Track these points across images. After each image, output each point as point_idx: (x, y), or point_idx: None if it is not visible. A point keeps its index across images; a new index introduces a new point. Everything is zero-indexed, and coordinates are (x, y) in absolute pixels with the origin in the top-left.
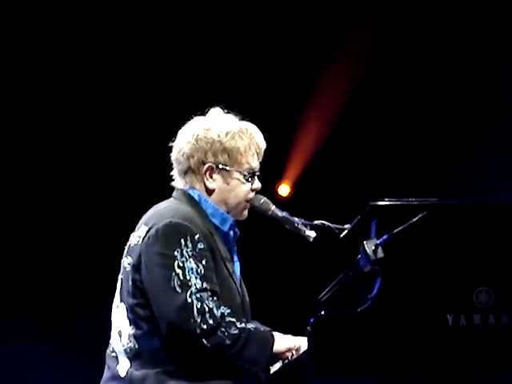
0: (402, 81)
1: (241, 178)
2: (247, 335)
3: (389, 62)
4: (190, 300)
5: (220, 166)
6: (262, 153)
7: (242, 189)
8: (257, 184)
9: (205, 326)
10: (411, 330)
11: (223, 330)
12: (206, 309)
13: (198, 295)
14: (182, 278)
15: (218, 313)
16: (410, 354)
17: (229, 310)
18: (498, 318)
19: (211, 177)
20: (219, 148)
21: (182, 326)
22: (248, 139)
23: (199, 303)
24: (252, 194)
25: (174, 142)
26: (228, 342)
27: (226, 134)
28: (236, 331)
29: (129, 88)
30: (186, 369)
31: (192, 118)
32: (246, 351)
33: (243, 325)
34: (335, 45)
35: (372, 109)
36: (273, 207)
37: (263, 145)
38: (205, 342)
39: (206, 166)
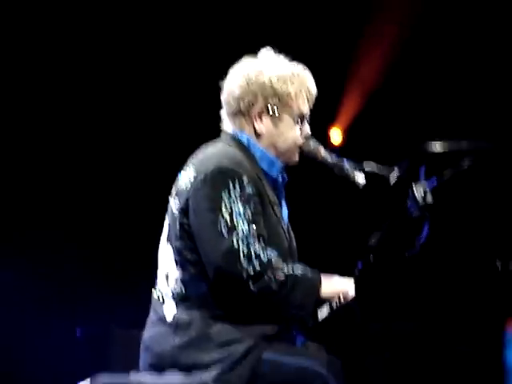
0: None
1: (290, 122)
2: (294, 280)
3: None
4: (236, 245)
5: (270, 110)
6: (314, 98)
7: (292, 133)
8: (306, 129)
9: (251, 271)
10: (460, 276)
11: (270, 275)
12: (253, 254)
13: (245, 240)
14: (229, 222)
15: (264, 258)
16: (457, 301)
17: (276, 254)
18: None
19: (261, 120)
20: (270, 92)
21: (228, 271)
22: (299, 84)
23: (246, 248)
24: (301, 139)
25: (223, 81)
26: (274, 287)
27: (278, 78)
28: (282, 276)
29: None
30: (232, 313)
31: (243, 58)
32: (293, 296)
33: (290, 270)
34: None
35: (425, 55)
36: (323, 152)
37: (314, 90)
38: (251, 286)
39: (257, 109)
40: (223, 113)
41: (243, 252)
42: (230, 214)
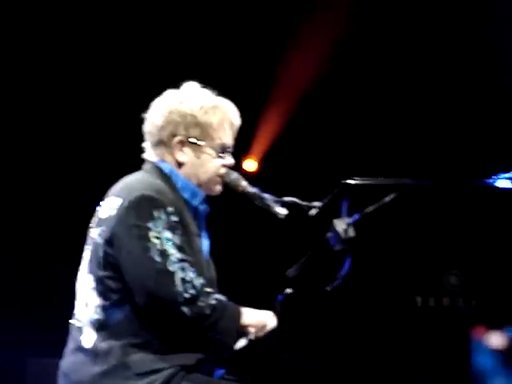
0: (371, 58)
1: (212, 153)
2: (223, 306)
3: (358, 39)
4: (171, 269)
5: (191, 140)
6: (236, 129)
7: (213, 164)
8: (229, 160)
9: (187, 295)
10: (379, 310)
11: (203, 299)
12: (188, 278)
13: (180, 265)
14: (159, 247)
15: (198, 283)
16: (377, 335)
17: (204, 281)
18: (467, 301)
19: (182, 150)
20: (191, 122)
21: (162, 294)
22: (222, 115)
23: (181, 272)
24: (224, 170)
25: (146, 113)
26: (208, 311)
27: (200, 108)
28: (214, 301)
29: (106, 62)
30: (152, 342)
31: (166, 91)
32: (222, 322)
33: (218, 296)
34: (303, 19)
35: (344, 85)
36: (244, 183)
37: (237, 121)
38: (185, 310)
39: (178, 138)
40: (146, 144)
41: (179, 277)
42: (160, 240)
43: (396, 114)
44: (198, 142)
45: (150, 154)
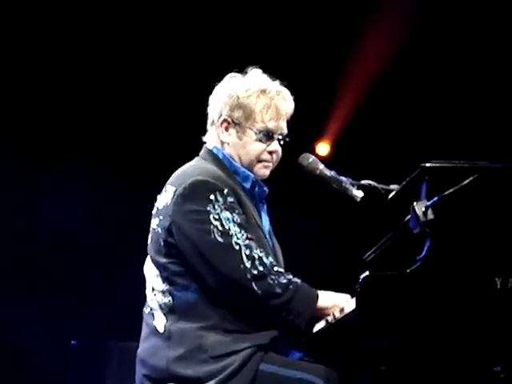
0: (445, 42)
1: (253, 135)
2: (295, 287)
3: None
4: (236, 247)
5: (234, 121)
6: (286, 116)
7: (254, 147)
8: (273, 146)
9: (255, 272)
10: (459, 292)
11: (273, 277)
12: (256, 256)
13: (245, 243)
14: (220, 228)
15: (267, 261)
16: (457, 317)
17: (273, 260)
18: None
19: (226, 130)
20: (235, 103)
21: (231, 273)
22: (267, 99)
23: (248, 250)
24: (267, 156)
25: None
26: (278, 290)
27: (245, 90)
28: (285, 281)
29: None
30: (224, 323)
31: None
32: (293, 302)
33: (290, 276)
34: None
35: (418, 67)
36: (321, 166)
37: (285, 108)
38: (255, 287)
39: (222, 118)
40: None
41: (245, 254)
42: (220, 221)
43: (475, 97)
44: (241, 124)
45: (207, 135)
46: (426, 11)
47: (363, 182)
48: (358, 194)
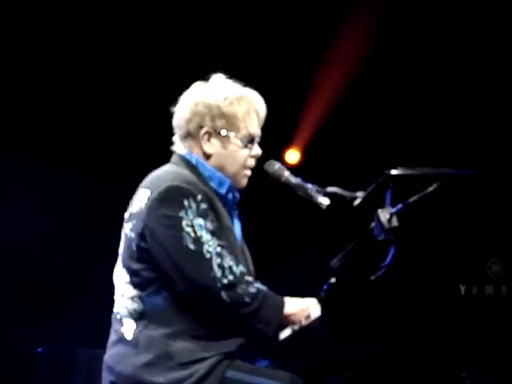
0: (416, 46)
1: (238, 143)
2: (263, 295)
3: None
4: (207, 255)
5: (218, 131)
6: (263, 120)
7: (240, 154)
8: (256, 150)
9: (225, 281)
10: (423, 299)
11: (243, 287)
12: (226, 265)
13: (216, 251)
14: (193, 235)
15: (237, 270)
16: (421, 323)
17: (245, 270)
18: (510, 288)
19: (209, 141)
20: (217, 113)
21: (201, 281)
22: (247, 105)
23: (219, 258)
24: (251, 161)
25: (175, 107)
26: (247, 299)
27: (225, 99)
28: (254, 290)
29: (132, 52)
30: (192, 330)
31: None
32: (262, 311)
33: (259, 285)
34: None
35: (387, 75)
36: (287, 173)
37: (263, 111)
38: (224, 296)
39: (204, 130)
40: (175, 137)
41: (216, 262)
42: (193, 228)
43: (438, 104)
44: (225, 133)
45: (178, 146)
46: (396, 14)
47: (329, 189)
48: (324, 201)
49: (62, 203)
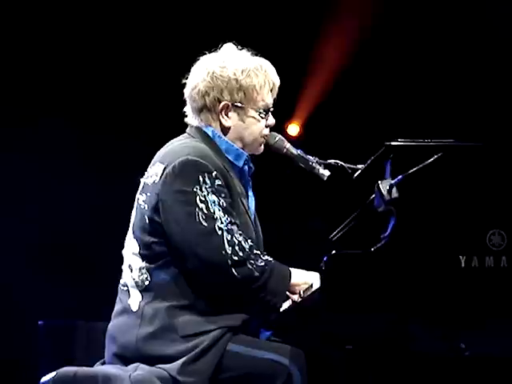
0: (419, 19)
1: (256, 115)
2: (271, 267)
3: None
4: (219, 232)
5: (236, 104)
6: (277, 89)
7: (258, 126)
8: (271, 120)
9: (236, 258)
10: (423, 270)
11: (252, 261)
12: (236, 241)
13: (227, 227)
14: (205, 211)
15: (246, 245)
16: (420, 295)
17: (253, 244)
18: (510, 260)
19: (227, 115)
20: (235, 86)
21: (212, 258)
22: (263, 76)
23: (229, 235)
24: (267, 130)
25: (187, 78)
26: (256, 273)
27: (242, 71)
28: (262, 263)
29: (139, 23)
30: (198, 304)
31: (204, 54)
32: (270, 283)
33: (266, 257)
34: None
35: (388, 46)
36: (287, 145)
37: (277, 81)
38: (235, 273)
39: (222, 103)
40: (188, 109)
41: (227, 239)
42: (206, 204)
43: (439, 76)
44: (243, 106)
45: (192, 119)
46: None
47: (330, 161)
48: (325, 172)
49: None
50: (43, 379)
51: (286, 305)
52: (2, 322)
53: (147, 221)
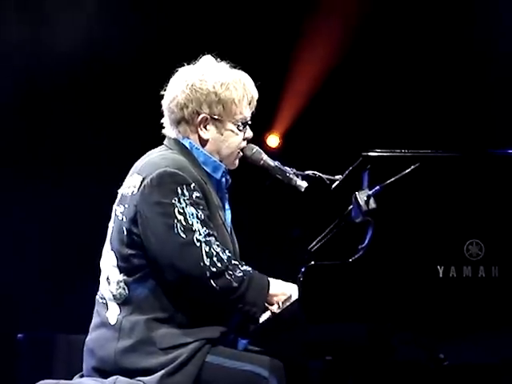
0: (395, 31)
1: (234, 128)
2: (249, 278)
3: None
4: (197, 244)
5: (214, 117)
6: (255, 102)
7: (235, 139)
8: (248, 133)
9: (214, 269)
10: (401, 280)
11: (230, 272)
12: (214, 252)
13: (205, 239)
14: (184, 223)
15: (224, 256)
16: (399, 305)
17: (231, 254)
18: (488, 270)
19: (205, 127)
20: (214, 99)
21: (190, 271)
22: (242, 89)
23: (207, 247)
24: (244, 143)
25: (165, 90)
26: (235, 284)
27: (221, 85)
28: (241, 273)
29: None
30: (176, 316)
31: (183, 66)
32: (248, 293)
33: (245, 267)
34: None
35: (366, 59)
36: (265, 157)
37: (256, 94)
38: (214, 284)
39: (201, 116)
40: (165, 120)
41: (205, 251)
42: (184, 216)
43: (416, 87)
44: (221, 119)
45: (169, 130)
46: None
47: (308, 172)
48: (302, 184)
49: None
50: None
51: (265, 316)
52: None
53: (125, 233)
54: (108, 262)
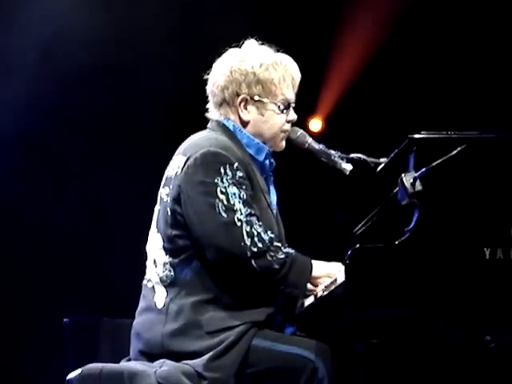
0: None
1: (275, 109)
2: (291, 260)
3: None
4: (238, 223)
5: (254, 98)
6: (298, 84)
7: (277, 120)
8: (292, 115)
9: (255, 249)
10: (448, 263)
11: (272, 253)
12: (255, 232)
13: (246, 219)
14: (226, 203)
15: (266, 237)
16: (445, 288)
17: (273, 235)
18: None
19: (246, 108)
20: (253, 79)
21: (231, 250)
22: (282, 70)
23: (248, 227)
24: (288, 126)
25: (208, 74)
26: (276, 266)
27: (260, 65)
28: (282, 255)
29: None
30: (223, 298)
31: (227, 51)
32: (291, 275)
33: (287, 249)
34: None
35: (411, 40)
36: (310, 140)
37: (298, 76)
38: (254, 264)
39: (241, 97)
40: (209, 104)
41: (246, 231)
42: (226, 195)
43: (462, 68)
44: (261, 99)
45: (213, 113)
46: None
47: (352, 155)
48: (347, 167)
49: None
50: (69, 376)
51: (309, 300)
52: (26, 320)
53: (169, 213)
54: (155, 245)
